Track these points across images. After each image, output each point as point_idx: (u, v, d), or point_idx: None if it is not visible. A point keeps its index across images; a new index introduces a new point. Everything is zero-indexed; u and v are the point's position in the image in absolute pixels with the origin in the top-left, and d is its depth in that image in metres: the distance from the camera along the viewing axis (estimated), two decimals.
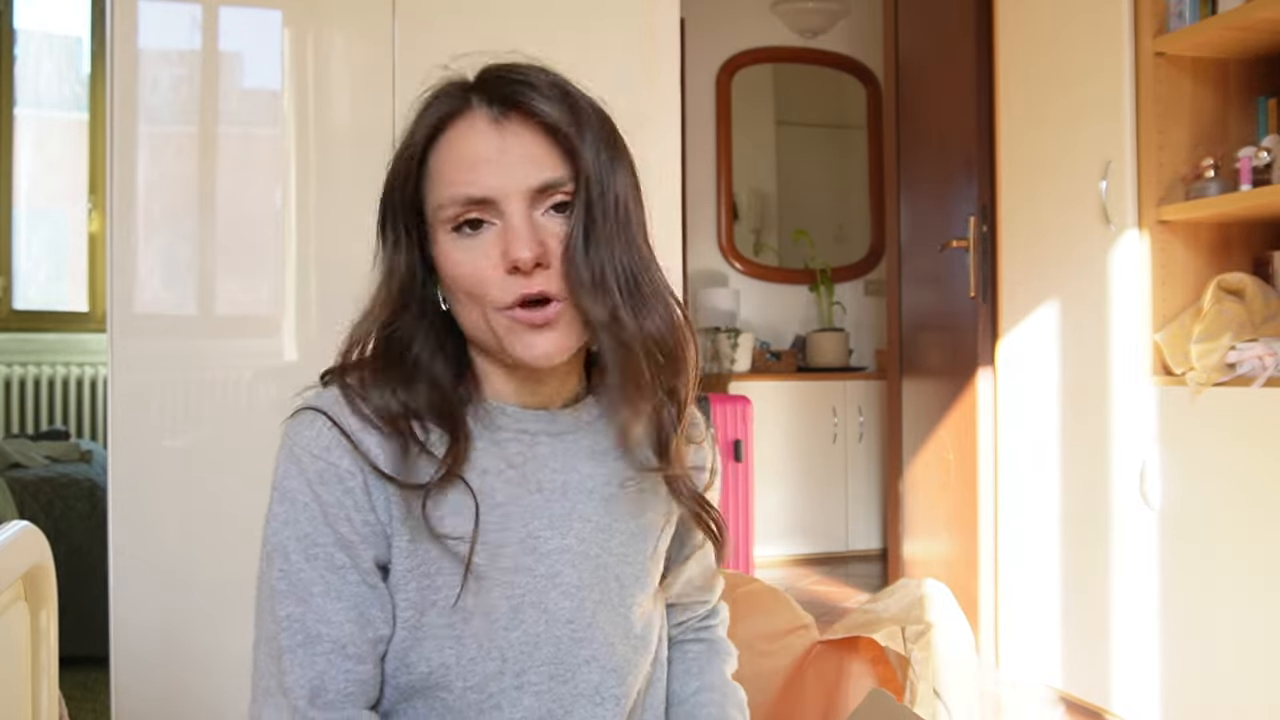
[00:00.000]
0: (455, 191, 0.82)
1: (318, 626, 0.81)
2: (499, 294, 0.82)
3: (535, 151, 0.82)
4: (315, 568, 0.82)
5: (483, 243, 0.82)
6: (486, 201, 0.81)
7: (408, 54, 2.14)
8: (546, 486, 0.88)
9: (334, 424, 0.83)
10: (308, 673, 0.81)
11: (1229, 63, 2.36)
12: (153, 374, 2.02)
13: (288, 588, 0.82)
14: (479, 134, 0.82)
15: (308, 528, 0.82)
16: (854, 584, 3.85)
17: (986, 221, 2.90)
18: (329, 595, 0.82)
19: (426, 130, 0.84)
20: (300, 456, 0.83)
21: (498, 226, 0.82)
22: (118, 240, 2.00)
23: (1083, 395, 2.50)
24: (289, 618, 0.81)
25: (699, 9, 4.31)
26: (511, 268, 0.80)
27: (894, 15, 3.43)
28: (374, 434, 0.83)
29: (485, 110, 0.83)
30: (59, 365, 4.07)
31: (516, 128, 0.82)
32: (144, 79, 2.03)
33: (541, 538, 0.87)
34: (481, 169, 0.81)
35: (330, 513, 0.82)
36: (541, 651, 0.86)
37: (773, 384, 4.22)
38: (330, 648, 0.81)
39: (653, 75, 2.34)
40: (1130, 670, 2.34)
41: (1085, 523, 2.49)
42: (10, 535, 0.95)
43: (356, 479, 0.82)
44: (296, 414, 0.86)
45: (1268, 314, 2.20)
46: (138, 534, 1.99)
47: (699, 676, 1.05)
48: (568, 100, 0.83)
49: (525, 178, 0.81)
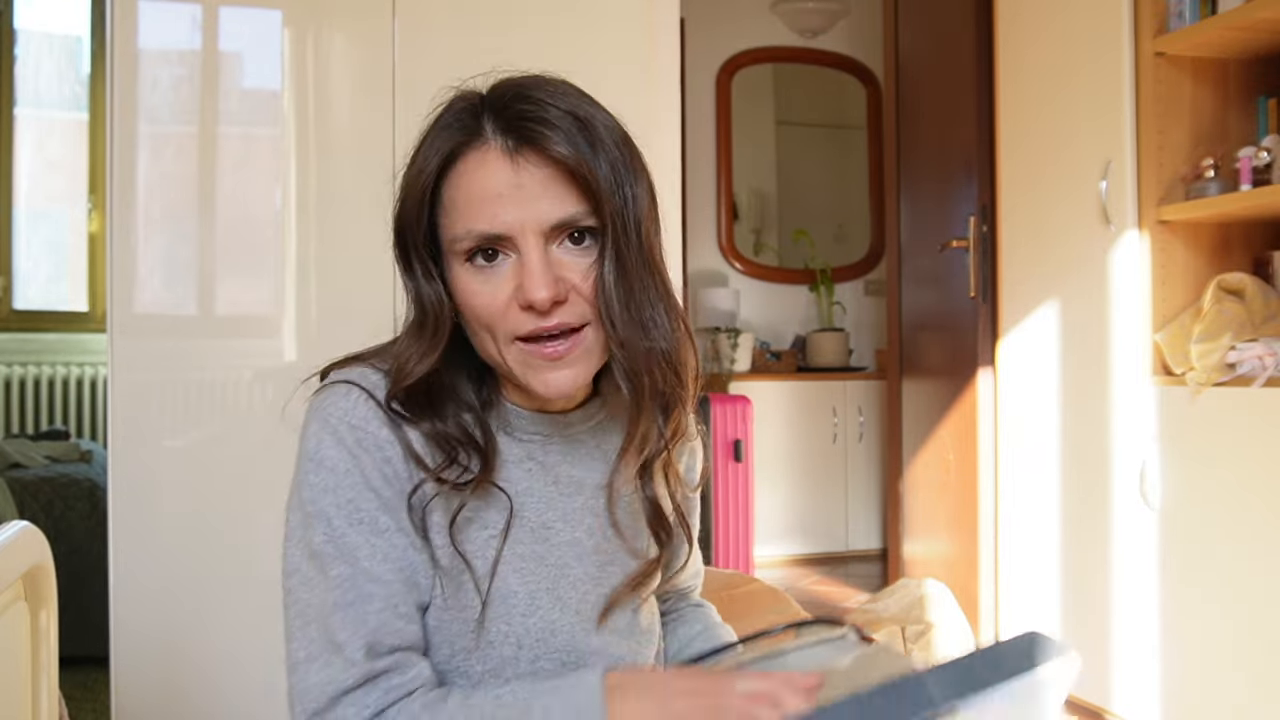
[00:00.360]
0: (470, 226, 0.81)
1: (368, 586, 0.80)
2: (514, 326, 0.82)
3: (552, 187, 0.80)
4: (360, 532, 0.81)
5: (498, 275, 0.81)
6: (502, 238, 0.81)
7: (408, 54, 2.14)
8: (561, 481, 0.91)
9: (370, 396, 0.83)
10: (361, 629, 0.78)
11: (1229, 63, 2.36)
12: (153, 374, 2.02)
13: (335, 550, 0.80)
14: (491, 167, 0.81)
15: (350, 494, 0.81)
16: (854, 584, 3.85)
17: (986, 221, 2.90)
18: (375, 558, 0.80)
19: (440, 159, 0.82)
20: (337, 426, 0.82)
21: (513, 259, 0.81)
22: (118, 240, 2.00)
23: (1083, 395, 2.50)
24: (339, 577, 0.79)
25: (699, 9, 4.31)
26: (526, 306, 0.80)
27: (894, 15, 3.43)
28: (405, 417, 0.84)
29: (499, 141, 0.81)
30: (59, 365, 4.07)
31: (532, 163, 0.80)
32: (144, 79, 2.03)
33: (553, 529, 0.89)
34: (496, 204, 0.80)
35: (372, 479, 0.82)
36: (557, 639, 0.88)
37: (773, 384, 4.22)
38: (382, 606, 0.80)
39: (653, 75, 2.34)
40: (1130, 670, 2.34)
41: (1085, 523, 2.49)
42: (10, 535, 0.95)
43: (395, 448, 0.83)
44: (326, 387, 0.85)
45: (1268, 314, 2.20)
46: (138, 534, 1.99)
47: (701, 620, 1.08)
48: (584, 132, 0.81)
49: (542, 214, 0.80)
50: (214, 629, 2.02)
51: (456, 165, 0.82)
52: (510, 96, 0.83)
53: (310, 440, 0.83)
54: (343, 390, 0.84)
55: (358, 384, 0.84)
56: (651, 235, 0.85)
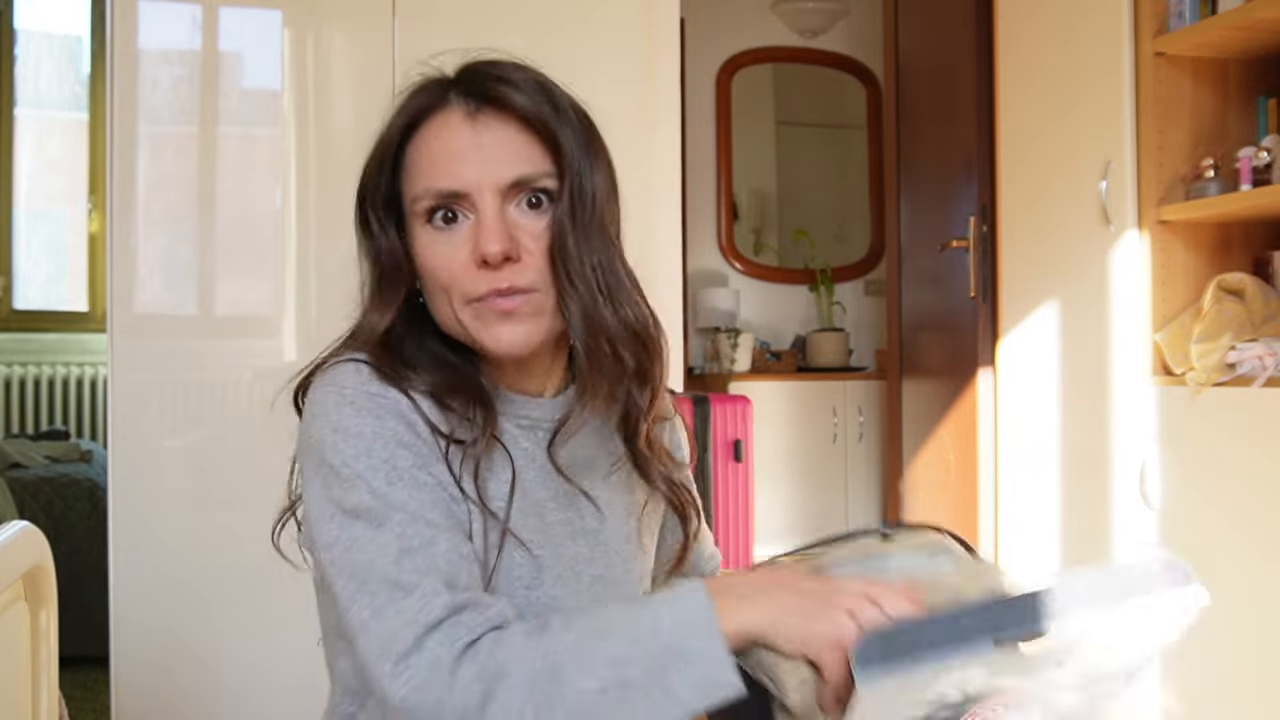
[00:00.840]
0: (429, 184, 0.84)
1: (428, 530, 0.77)
2: (469, 287, 0.83)
3: (512, 146, 0.84)
4: (402, 489, 0.78)
5: (456, 236, 0.84)
6: (460, 195, 0.83)
7: (408, 54, 2.14)
8: (558, 460, 0.91)
9: (377, 369, 0.84)
10: (433, 567, 0.74)
11: (1229, 63, 2.36)
12: (153, 374, 2.02)
13: (383, 505, 0.77)
14: (454, 128, 0.84)
15: (384, 454, 0.79)
16: None
17: (986, 221, 2.90)
18: (425, 505, 0.78)
19: (403, 123, 0.86)
20: (355, 397, 0.81)
21: (472, 220, 0.84)
22: (118, 240, 2.00)
23: (1083, 395, 2.50)
24: (398, 523, 0.76)
25: (699, 9, 4.30)
26: (481, 261, 0.82)
27: (894, 15, 3.42)
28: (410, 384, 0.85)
29: (461, 104, 0.85)
30: (59, 365, 4.07)
31: (492, 121, 0.84)
32: (144, 79, 2.03)
33: (547, 509, 0.90)
34: (455, 163, 0.83)
35: (403, 437, 0.81)
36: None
37: (773, 384, 4.22)
38: (447, 548, 0.77)
39: (653, 75, 2.34)
40: None
41: (1085, 523, 2.49)
42: (10, 535, 0.95)
43: (415, 412, 0.83)
44: (329, 369, 0.85)
45: (1268, 314, 2.20)
46: (138, 534, 1.99)
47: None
48: (546, 95, 0.85)
49: (499, 172, 0.83)
50: (214, 629, 2.02)
51: (420, 129, 0.86)
52: (475, 65, 0.87)
53: (329, 416, 0.81)
54: (351, 367, 0.84)
55: (363, 359, 0.85)
56: (607, 216, 0.87)
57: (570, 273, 0.83)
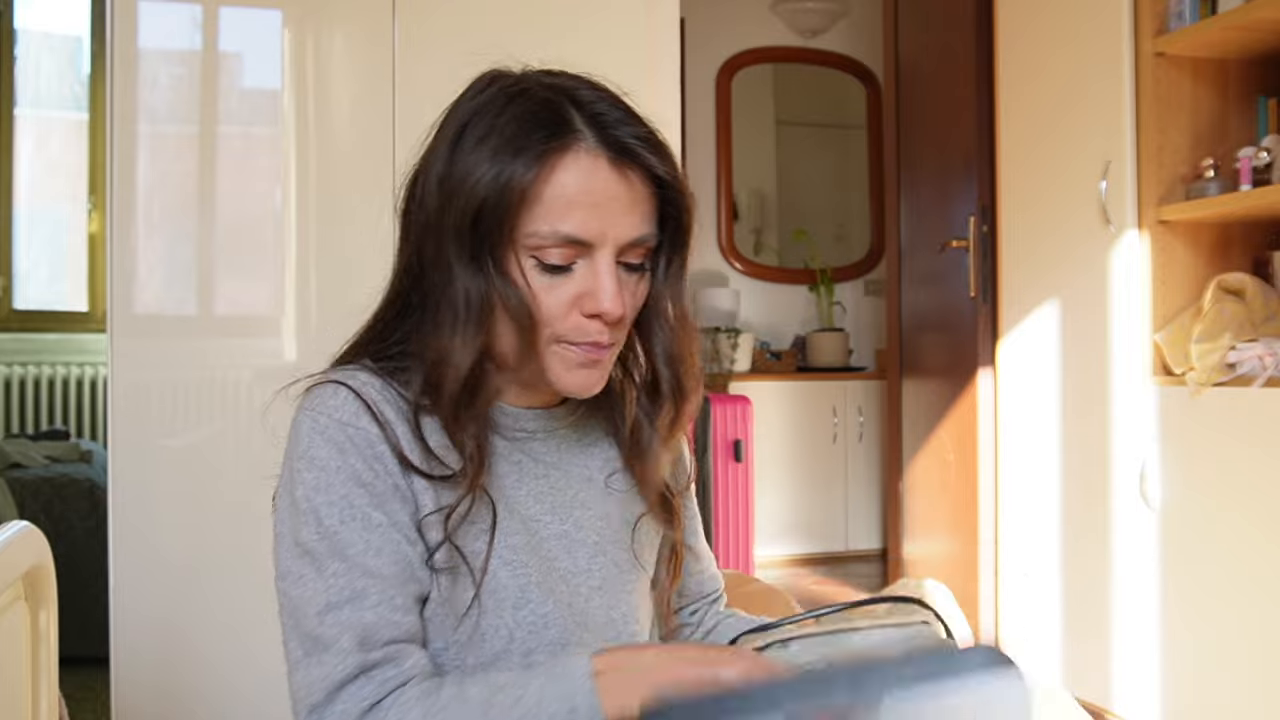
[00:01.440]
0: (556, 226, 0.79)
1: (362, 581, 0.79)
2: (567, 330, 0.83)
3: (642, 206, 0.83)
4: (353, 528, 0.80)
5: (567, 281, 0.82)
6: (583, 244, 0.81)
7: (408, 54, 2.14)
8: (551, 474, 0.92)
9: (357, 395, 0.83)
10: (356, 624, 0.78)
11: (1229, 63, 2.36)
12: (153, 374, 2.02)
13: (328, 547, 0.80)
14: (596, 174, 0.80)
15: (341, 489, 0.81)
16: (854, 584, 3.85)
17: (986, 221, 2.90)
18: (369, 552, 0.80)
19: (534, 157, 0.79)
20: (326, 424, 0.82)
21: (582, 265, 0.82)
22: (118, 240, 2.00)
23: (1083, 395, 2.50)
24: (334, 573, 0.79)
25: (699, 9, 4.31)
26: (593, 315, 0.82)
27: (894, 15, 3.42)
28: (394, 411, 0.84)
29: (603, 149, 0.81)
30: (59, 365, 4.07)
31: (633, 175, 0.82)
32: (144, 79, 2.03)
33: (541, 522, 0.89)
34: (590, 211, 0.80)
35: (363, 476, 0.81)
36: (549, 632, 0.88)
37: (773, 384, 4.22)
38: (377, 600, 0.79)
39: (653, 75, 2.34)
40: (1130, 670, 2.34)
41: (1085, 523, 2.49)
42: (10, 535, 0.95)
43: (383, 445, 0.82)
44: (315, 387, 0.85)
45: (1268, 314, 2.20)
46: (138, 534, 1.99)
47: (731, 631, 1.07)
48: (673, 160, 0.85)
49: (625, 230, 0.82)
50: (214, 629, 2.02)
51: (549, 161, 0.79)
52: (598, 102, 0.83)
53: (301, 440, 0.83)
54: (330, 390, 0.84)
55: (345, 383, 0.84)
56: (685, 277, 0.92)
57: (654, 330, 0.89)
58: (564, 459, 0.93)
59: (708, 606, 1.09)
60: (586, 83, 0.85)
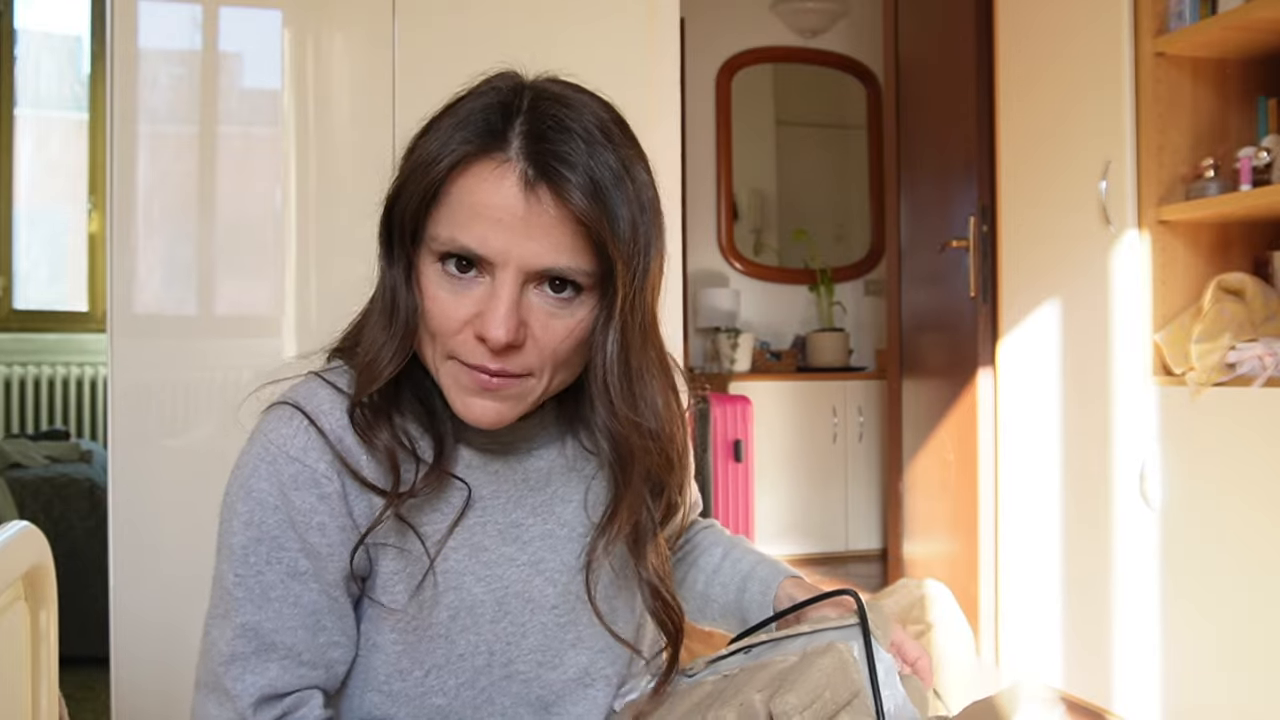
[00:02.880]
0: (455, 235, 0.75)
1: (272, 636, 0.79)
2: (458, 348, 0.77)
3: (556, 235, 0.74)
4: (275, 572, 0.79)
5: (466, 291, 0.76)
6: (483, 260, 0.75)
7: (408, 54, 2.14)
8: (532, 475, 0.89)
9: (312, 423, 0.80)
10: (258, 679, 0.79)
11: (1229, 63, 2.36)
12: (153, 374, 2.02)
13: (244, 593, 0.79)
14: (503, 189, 0.74)
15: (275, 530, 0.79)
16: (854, 584, 3.85)
17: (986, 221, 2.90)
18: (286, 601, 0.79)
19: (454, 158, 0.75)
20: (274, 457, 0.79)
21: (484, 283, 0.76)
22: (118, 240, 2.00)
23: (1083, 395, 2.50)
24: (244, 626, 0.79)
25: (699, 9, 4.31)
26: (480, 338, 0.76)
27: (894, 15, 3.42)
28: (356, 436, 0.81)
29: (521, 163, 0.74)
30: (59, 365, 4.07)
31: (546, 200, 0.73)
32: (144, 79, 2.03)
33: (524, 525, 0.88)
34: (491, 227, 0.74)
35: (299, 519, 0.79)
36: (528, 640, 0.87)
37: (773, 384, 4.22)
38: (284, 654, 0.79)
39: (653, 75, 2.34)
40: (1131, 670, 2.34)
41: (1085, 523, 2.49)
42: (10, 535, 0.95)
43: (334, 484, 0.79)
44: (273, 407, 0.83)
45: (1268, 314, 2.20)
46: (138, 534, 1.99)
47: (716, 546, 1.07)
48: (616, 189, 0.75)
49: (533, 257, 0.74)
50: None
51: (470, 166, 0.75)
52: (548, 119, 0.75)
53: (246, 466, 0.81)
54: (286, 415, 0.81)
55: (302, 408, 0.80)
56: (654, 304, 0.82)
57: (616, 385, 0.79)
58: (541, 455, 0.90)
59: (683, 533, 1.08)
60: (564, 100, 0.77)
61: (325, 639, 0.81)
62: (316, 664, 0.81)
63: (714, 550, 1.06)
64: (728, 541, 1.08)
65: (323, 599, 0.81)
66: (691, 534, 1.10)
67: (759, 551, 1.06)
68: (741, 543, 1.08)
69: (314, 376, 0.84)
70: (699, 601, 1.04)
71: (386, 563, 0.82)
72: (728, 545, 1.07)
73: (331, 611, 0.81)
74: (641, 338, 0.80)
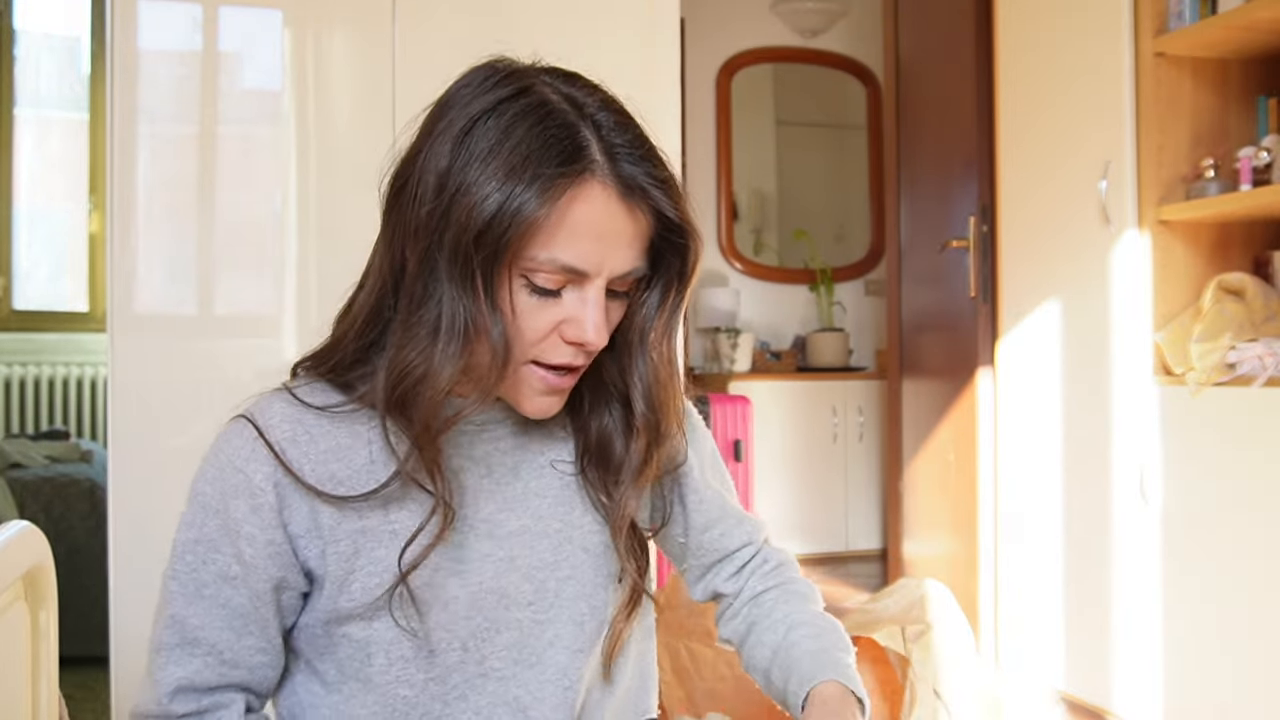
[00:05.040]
0: (555, 255, 0.76)
1: (197, 632, 0.83)
2: (544, 354, 0.81)
3: (640, 241, 0.81)
4: (209, 572, 0.83)
5: (553, 305, 0.79)
6: (580, 273, 0.78)
7: (408, 54, 2.14)
8: (497, 469, 0.88)
9: (260, 436, 0.82)
10: (179, 671, 0.82)
11: (1229, 63, 2.36)
12: (153, 374, 2.02)
13: (178, 588, 0.84)
14: (605, 209, 0.77)
15: (213, 534, 0.83)
16: (854, 584, 3.85)
17: (986, 221, 2.90)
18: (216, 601, 0.83)
19: (544, 186, 0.74)
20: (222, 465, 0.83)
21: (571, 294, 0.79)
22: (118, 240, 2.00)
23: (1083, 395, 2.50)
24: (173, 618, 0.83)
25: (699, 9, 4.31)
26: (576, 342, 0.80)
27: (894, 15, 3.42)
28: (302, 449, 0.82)
29: (614, 181, 0.77)
30: (59, 365, 4.07)
31: (638, 212, 0.80)
32: (144, 79, 2.03)
33: (497, 521, 0.87)
34: (594, 243, 0.77)
35: (233, 527, 0.82)
36: (503, 636, 0.86)
37: (773, 384, 4.22)
38: (206, 651, 0.83)
39: (653, 75, 2.34)
40: (1131, 670, 2.34)
41: (1085, 522, 2.49)
42: (10, 535, 0.95)
43: (267, 495, 0.82)
44: (233, 419, 0.85)
45: (1268, 314, 2.20)
46: (138, 534, 1.99)
47: (784, 619, 0.98)
48: (680, 197, 0.82)
49: (621, 262, 0.80)
50: None
51: (561, 191, 0.75)
52: (622, 132, 0.79)
53: (199, 471, 0.85)
54: (238, 428, 0.84)
55: (254, 422, 0.83)
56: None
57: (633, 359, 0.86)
58: (516, 447, 0.89)
59: (749, 574, 1.01)
60: (600, 98, 0.81)
61: (250, 643, 0.84)
62: (238, 664, 0.84)
63: (778, 628, 0.98)
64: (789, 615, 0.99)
65: (249, 605, 0.83)
66: (757, 586, 1.02)
67: (816, 626, 0.97)
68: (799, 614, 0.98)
69: (280, 390, 0.86)
70: (762, 679, 0.98)
71: (337, 563, 0.83)
72: (789, 622, 0.98)
73: (256, 620, 0.84)
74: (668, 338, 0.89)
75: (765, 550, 1.04)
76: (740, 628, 1.01)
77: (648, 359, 0.86)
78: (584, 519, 0.91)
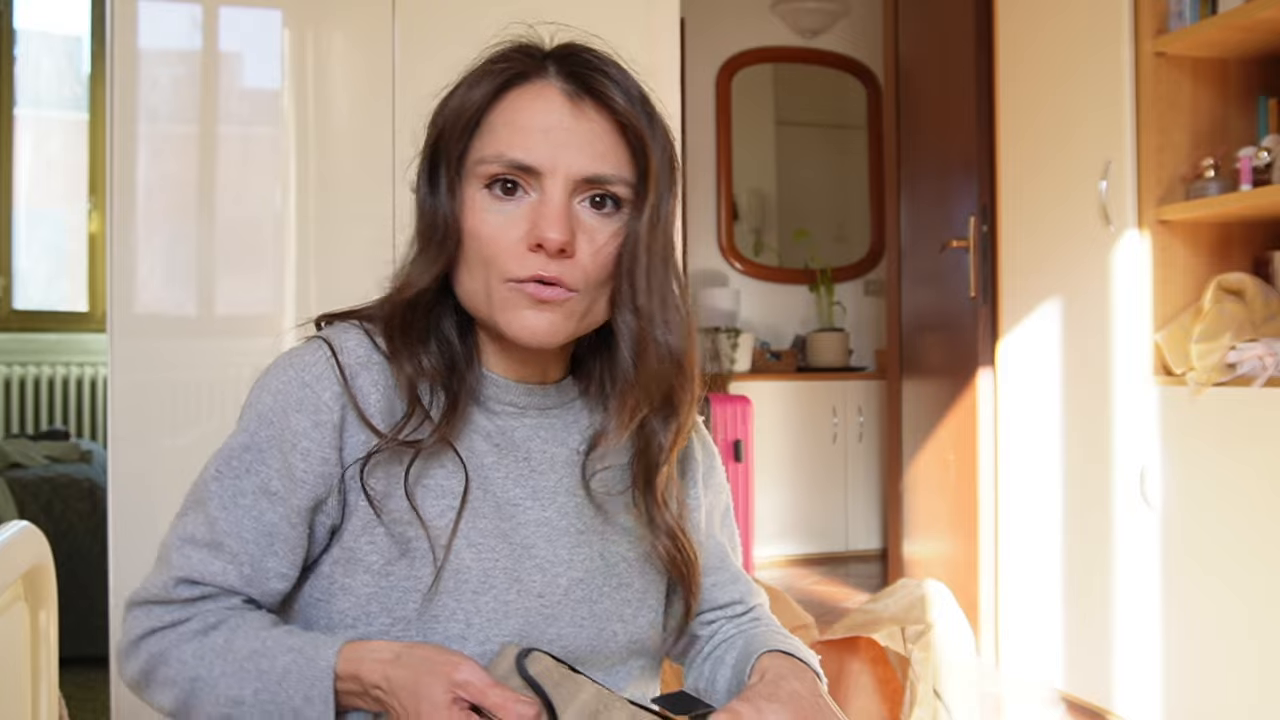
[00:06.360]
0: (503, 151, 0.80)
1: (224, 537, 0.82)
2: (514, 266, 0.80)
3: (602, 142, 0.81)
4: (251, 481, 0.83)
5: (512, 210, 0.81)
6: (531, 170, 0.80)
7: (408, 54, 2.14)
8: (534, 456, 0.88)
9: (333, 356, 0.83)
10: (201, 566, 0.82)
11: (1229, 63, 2.36)
12: (153, 374, 2.02)
13: (219, 489, 0.83)
14: (549, 102, 0.82)
15: (263, 444, 0.83)
16: (854, 584, 3.85)
17: (986, 221, 2.90)
18: (250, 513, 0.82)
19: (493, 85, 0.83)
20: (289, 380, 0.83)
21: (532, 199, 0.81)
22: (118, 240, 2.00)
23: (1083, 395, 2.50)
24: (208, 519, 0.82)
25: (699, 9, 4.31)
26: (535, 246, 0.79)
27: (894, 15, 3.43)
28: (373, 377, 0.84)
29: (562, 82, 0.83)
30: (59, 365, 4.07)
31: (590, 111, 0.82)
32: (144, 79, 2.03)
33: (520, 506, 0.86)
34: (539, 137, 0.80)
35: (289, 439, 0.82)
36: (509, 622, 0.84)
37: (773, 384, 4.22)
38: (229, 559, 0.82)
39: (653, 75, 2.33)
40: (1131, 670, 2.34)
41: (1085, 523, 2.49)
42: (10, 535, 0.95)
43: (333, 414, 0.82)
44: (309, 338, 0.87)
45: (1268, 314, 2.20)
46: (138, 534, 1.99)
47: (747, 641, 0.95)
48: (646, 108, 0.84)
49: (581, 162, 0.80)
50: None
51: (509, 93, 0.83)
52: (582, 49, 0.85)
53: (265, 380, 0.85)
54: (314, 346, 0.85)
55: (328, 342, 0.84)
56: (672, 242, 0.87)
57: (635, 285, 0.83)
58: (554, 440, 0.89)
59: (726, 620, 0.99)
60: (595, 51, 0.86)
61: (272, 565, 0.83)
62: (254, 583, 0.83)
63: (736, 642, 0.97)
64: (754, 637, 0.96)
65: (283, 524, 0.83)
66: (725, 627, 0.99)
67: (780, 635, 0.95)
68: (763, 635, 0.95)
69: (355, 324, 0.88)
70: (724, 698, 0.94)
71: (364, 508, 0.83)
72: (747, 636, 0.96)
73: (284, 541, 0.83)
74: (663, 263, 0.85)
75: (758, 611, 1.00)
76: (707, 669, 0.97)
77: (642, 270, 0.83)
78: (606, 527, 0.90)
